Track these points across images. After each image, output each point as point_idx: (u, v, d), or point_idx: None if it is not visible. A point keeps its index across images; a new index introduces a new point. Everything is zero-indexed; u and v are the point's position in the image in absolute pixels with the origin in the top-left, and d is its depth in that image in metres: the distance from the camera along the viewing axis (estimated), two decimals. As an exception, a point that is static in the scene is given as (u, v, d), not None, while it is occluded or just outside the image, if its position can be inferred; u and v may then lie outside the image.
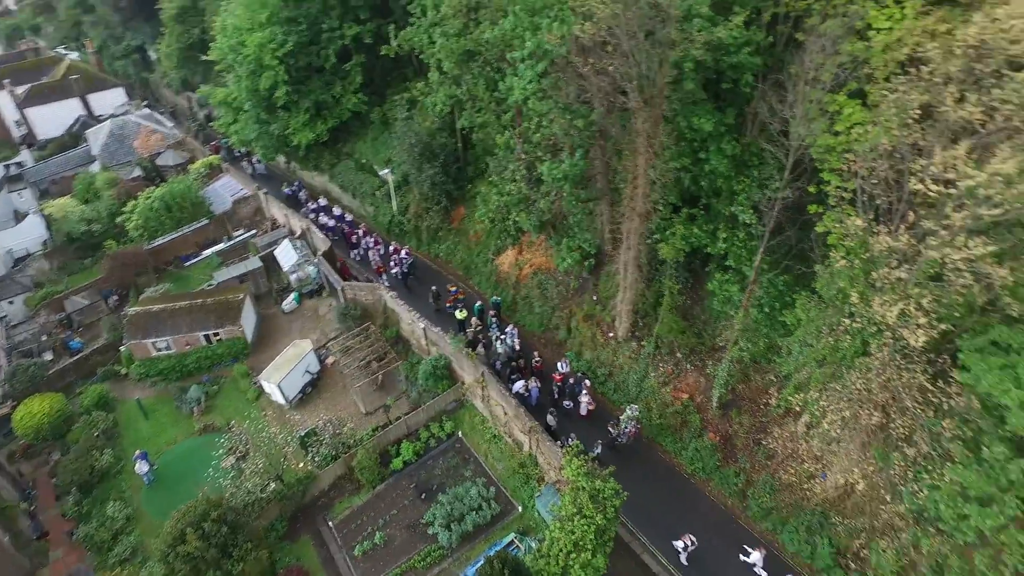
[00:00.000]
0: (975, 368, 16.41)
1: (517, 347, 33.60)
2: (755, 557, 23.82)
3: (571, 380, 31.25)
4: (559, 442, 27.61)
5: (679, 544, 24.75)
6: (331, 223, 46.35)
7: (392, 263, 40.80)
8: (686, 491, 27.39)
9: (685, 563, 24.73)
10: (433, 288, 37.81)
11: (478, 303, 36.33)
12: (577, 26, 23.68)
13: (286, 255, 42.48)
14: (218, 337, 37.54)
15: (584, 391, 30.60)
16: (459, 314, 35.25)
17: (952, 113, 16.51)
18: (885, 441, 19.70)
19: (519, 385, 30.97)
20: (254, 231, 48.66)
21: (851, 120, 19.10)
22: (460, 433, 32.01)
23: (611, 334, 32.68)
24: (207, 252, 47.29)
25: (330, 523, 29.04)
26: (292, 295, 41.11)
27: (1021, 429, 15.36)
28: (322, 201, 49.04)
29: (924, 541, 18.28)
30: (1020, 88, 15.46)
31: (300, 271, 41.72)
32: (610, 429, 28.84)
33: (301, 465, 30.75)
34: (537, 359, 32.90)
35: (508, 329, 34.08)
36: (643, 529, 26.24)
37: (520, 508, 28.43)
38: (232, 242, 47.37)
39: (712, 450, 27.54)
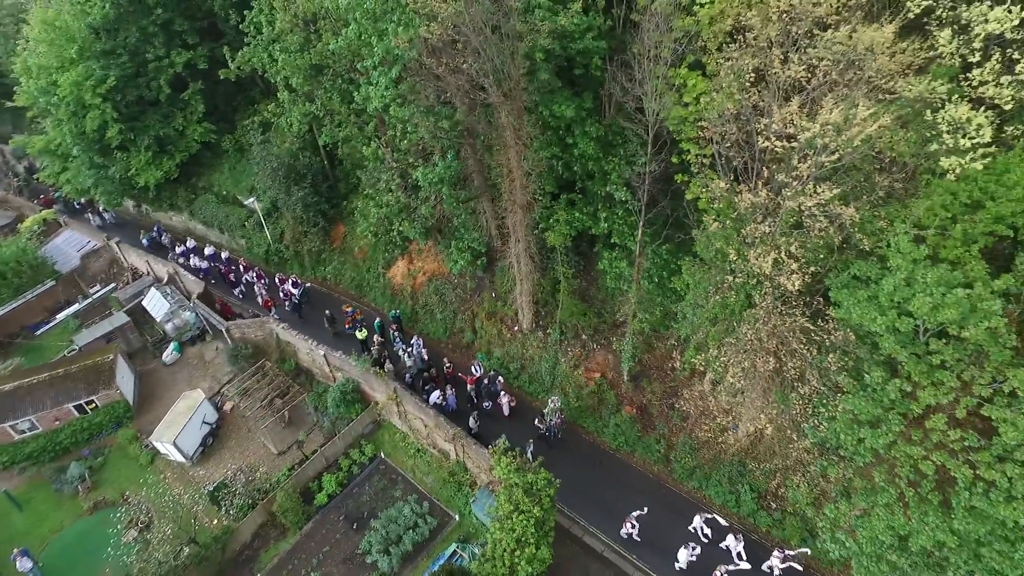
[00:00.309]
0: (845, 303, 17.74)
1: (425, 357, 32.94)
2: (697, 522, 24.75)
3: (485, 380, 31.06)
4: (490, 446, 27.31)
5: (626, 528, 25.13)
6: (204, 264, 43.10)
7: (281, 294, 38.63)
8: (613, 466, 28.10)
9: (638, 539, 25.20)
10: (327, 312, 36.21)
11: (377, 320, 35.21)
12: (423, 27, 23.10)
13: (156, 304, 39.12)
14: (92, 405, 34.07)
15: (501, 390, 30.52)
16: (359, 334, 33.99)
17: (781, 74, 17.61)
18: (782, 384, 21.03)
19: (435, 395, 30.40)
20: (113, 285, 44.35)
21: (696, 91, 19.93)
22: (382, 454, 31.06)
23: (516, 328, 32.75)
24: (61, 316, 42.55)
25: (258, 575, 27.37)
26: (171, 345, 37.99)
27: (893, 352, 16.79)
28: (190, 243, 45.45)
29: (831, 469, 19.73)
30: (830, 45, 16.70)
31: (176, 318, 38.59)
32: (538, 424, 28.97)
33: (215, 522, 28.75)
34: (448, 365, 32.42)
35: (413, 340, 33.31)
36: (580, 512, 26.65)
37: (457, 517, 28.08)
38: (89, 300, 42.88)
39: (631, 422, 28.37)
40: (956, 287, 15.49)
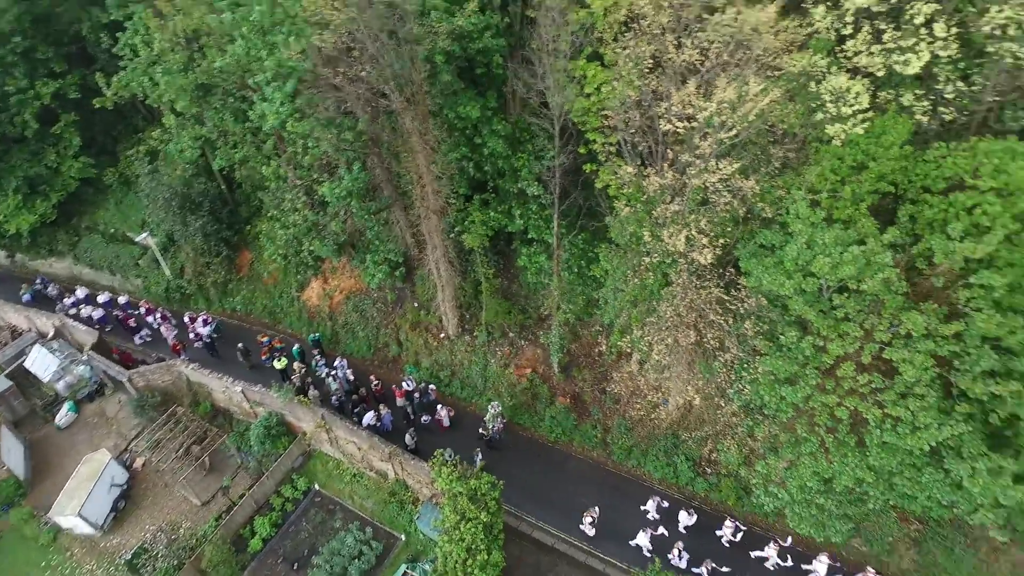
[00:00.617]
0: (754, 271, 18.88)
1: (351, 378, 31.89)
2: (650, 505, 25.24)
3: (417, 394, 30.45)
4: (430, 458, 26.71)
5: (585, 522, 25.18)
6: (98, 313, 39.49)
7: (191, 335, 36.12)
8: (554, 458, 28.32)
9: (592, 534, 25.34)
10: (240, 345, 34.24)
11: (296, 346, 33.73)
12: (316, 37, 22.51)
13: (41, 363, 35.48)
14: (-28, 490, 30.45)
15: (437, 401, 30.05)
16: (278, 364, 32.43)
17: (676, 58, 18.56)
18: (705, 355, 22.05)
19: (369, 416, 29.44)
20: (-15, 348, 39.87)
21: (596, 81, 20.62)
22: (316, 486, 29.77)
23: (442, 335, 32.42)
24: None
25: (199, 640, 25.48)
26: (66, 406, 34.59)
27: (802, 312, 18.01)
28: (81, 292, 41.42)
29: (757, 429, 20.90)
30: (719, 28, 17.80)
31: (68, 375, 35.20)
32: (481, 432, 28.64)
33: (139, 593, 26.41)
34: (376, 383, 31.54)
35: (337, 363, 32.17)
36: (527, 508, 26.65)
37: (403, 537, 27.36)
38: (-43, 372, 38.32)
39: (566, 413, 28.77)
40: (851, 245, 16.86)
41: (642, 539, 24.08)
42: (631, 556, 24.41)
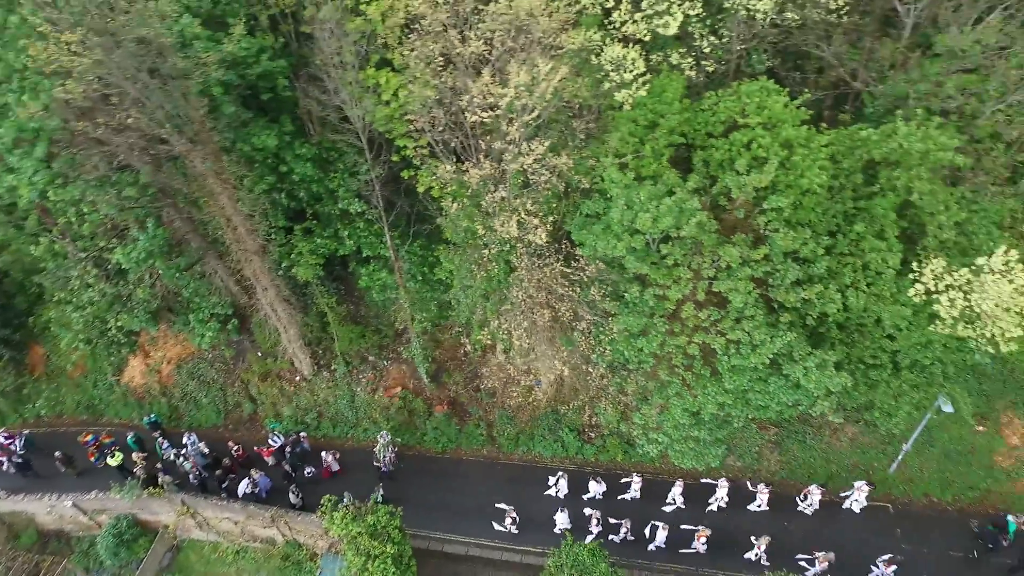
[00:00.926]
0: (586, 240, 19.66)
1: (206, 451, 28.67)
2: (551, 481, 25.50)
3: (287, 448, 28.13)
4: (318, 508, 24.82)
5: (505, 524, 24.82)
6: None
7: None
8: (446, 468, 27.79)
9: (516, 532, 25.06)
10: (57, 454, 29.19)
11: (130, 435, 29.50)
12: (58, 89, 19.35)
13: None
14: None
15: (307, 446, 28.05)
16: (112, 461, 28.12)
17: (464, 52, 18.52)
18: (563, 329, 22.73)
19: (244, 485, 26.48)
20: None
21: (391, 87, 20.03)
22: (196, 579, 26.75)
23: (297, 377, 30.33)
24: None
25: None
26: None
27: (637, 268, 19.10)
28: None
29: (627, 384, 22.03)
30: (496, 17, 18.00)
31: None
32: (376, 464, 26.90)
33: None
34: (236, 449, 28.63)
35: (185, 439, 28.73)
36: (434, 526, 25.95)
37: (311, 600, 25.54)
38: None
39: (447, 420, 28.35)
40: (663, 197, 18.07)
41: (561, 519, 24.35)
42: (555, 540, 24.36)
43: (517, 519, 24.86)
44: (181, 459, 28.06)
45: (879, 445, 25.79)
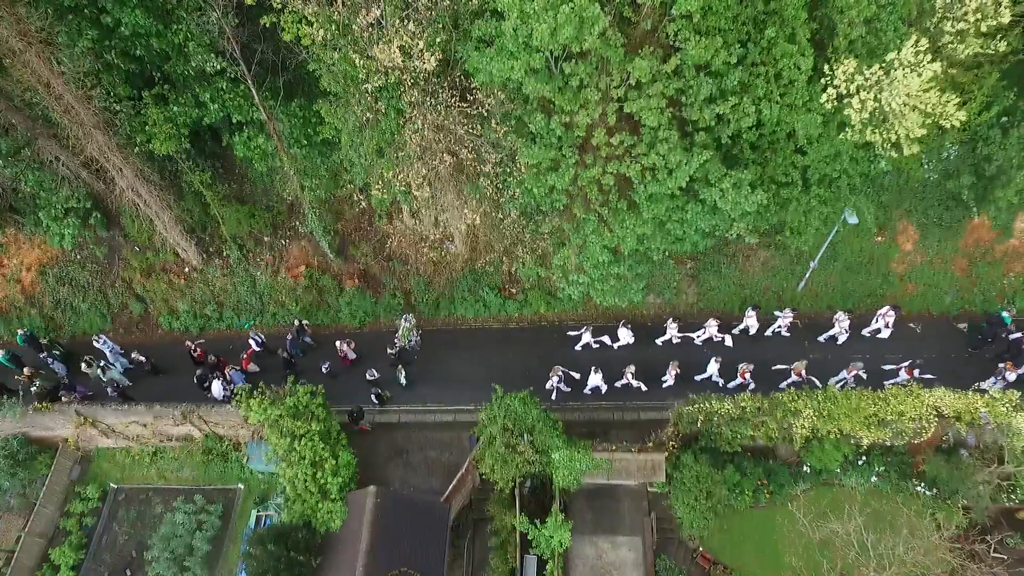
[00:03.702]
0: (481, 66, 17.40)
1: (142, 357, 25.56)
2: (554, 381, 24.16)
3: (290, 337, 25.50)
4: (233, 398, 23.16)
5: (552, 382, 23.61)
6: None
7: None
8: (366, 341, 26.37)
9: (567, 389, 24.15)
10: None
11: (1, 352, 26.23)
12: None
13: None
14: None
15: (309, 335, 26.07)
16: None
17: None
18: (468, 177, 20.90)
19: (217, 386, 23.91)
20: None
21: None
22: (113, 484, 25.33)
23: (186, 269, 27.47)
24: None
25: None
26: None
27: (538, 92, 17.21)
28: None
29: (543, 227, 20.89)
30: None
31: None
32: (390, 351, 24.77)
33: None
34: (195, 350, 25.04)
35: (99, 345, 25.47)
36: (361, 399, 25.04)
37: (241, 486, 24.92)
38: None
39: (360, 294, 26.72)
40: (561, 5, 15.86)
41: (553, 382, 23.64)
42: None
43: (563, 375, 23.53)
44: (99, 369, 25.11)
45: (788, 266, 26.42)
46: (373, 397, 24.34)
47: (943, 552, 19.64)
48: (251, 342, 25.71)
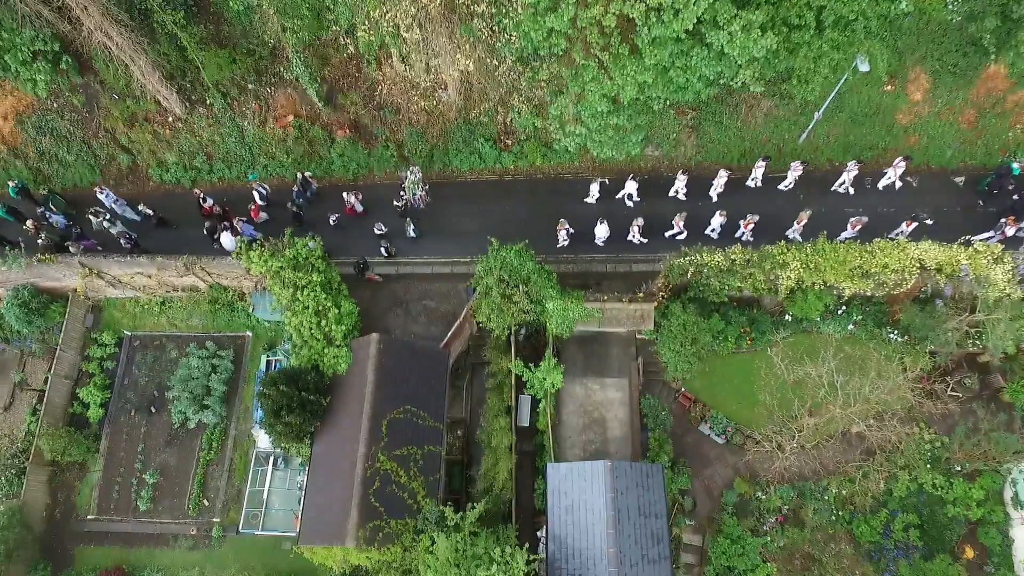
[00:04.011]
0: None
1: (149, 210, 25.85)
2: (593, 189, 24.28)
3: (294, 189, 25.36)
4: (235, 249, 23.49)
5: (562, 234, 23.93)
6: None
7: None
8: (365, 194, 26.23)
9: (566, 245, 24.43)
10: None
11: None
12: None
13: None
14: None
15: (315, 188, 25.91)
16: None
17: None
18: (460, 17, 19.51)
19: (226, 238, 23.99)
20: None
21: None
22: (126, 332, 26.57)
23: (170, 118, 26.51)
24: None
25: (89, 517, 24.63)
26: None
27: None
28: None
29: (540, 73, 19.86)
30: None
31: None
32: (396, 204, 25.01)
33: None
34: (206, 200, 25.21)
35: (102, 196, 25.26)
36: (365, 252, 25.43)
37: (249, 333, 26.10)
38: None
39: (352, 144, 26.05)
40: None
41: (600, 231, 23.75)
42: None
43: (571, 231, 23.90)
44: (105, 222, 25.13)
45: (792, 117, 25.59)
46: (382, 250, 24.74)
47: (905, 391, 21.19)
48: (255, 194, 25.62)
